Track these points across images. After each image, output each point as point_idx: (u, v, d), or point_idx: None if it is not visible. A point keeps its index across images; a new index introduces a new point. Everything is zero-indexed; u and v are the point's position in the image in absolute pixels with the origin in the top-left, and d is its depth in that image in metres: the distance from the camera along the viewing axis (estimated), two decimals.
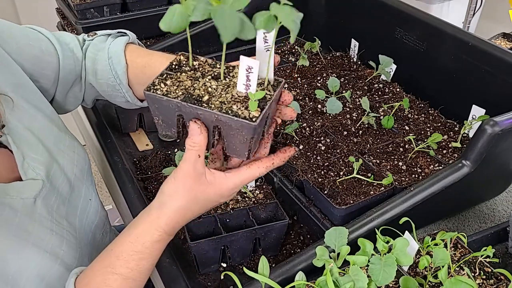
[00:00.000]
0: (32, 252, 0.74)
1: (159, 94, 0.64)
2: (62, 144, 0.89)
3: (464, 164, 0.87)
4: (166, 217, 0.70)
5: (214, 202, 0.73)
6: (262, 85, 0.67)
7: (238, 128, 0.62)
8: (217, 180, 0.70)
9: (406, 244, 0.70)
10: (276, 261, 0.91)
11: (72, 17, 1.42)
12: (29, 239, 0.74)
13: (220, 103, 0.63)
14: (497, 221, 1.01)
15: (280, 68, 1.32)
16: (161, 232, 0.70)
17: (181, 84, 0.66)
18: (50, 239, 0.77)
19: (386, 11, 1.27)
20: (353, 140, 1.04)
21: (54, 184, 0.83)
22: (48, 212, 0.79)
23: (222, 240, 0.85)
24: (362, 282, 0.63)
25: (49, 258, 0.76)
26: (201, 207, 0.72)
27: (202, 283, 0.87)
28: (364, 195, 0.88)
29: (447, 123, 1.12)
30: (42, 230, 0.77)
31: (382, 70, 1.22)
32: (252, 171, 0.71)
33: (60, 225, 0.81)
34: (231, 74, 0.68)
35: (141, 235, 0.71)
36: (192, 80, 0.66)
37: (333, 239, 0.71)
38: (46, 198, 0.80)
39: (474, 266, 0.78)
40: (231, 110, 0.62)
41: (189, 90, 0.65)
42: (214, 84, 0.66)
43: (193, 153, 0.67)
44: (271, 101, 0.65)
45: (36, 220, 0.76)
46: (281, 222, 0.87)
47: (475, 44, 1.06)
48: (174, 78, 0.67)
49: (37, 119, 0.86)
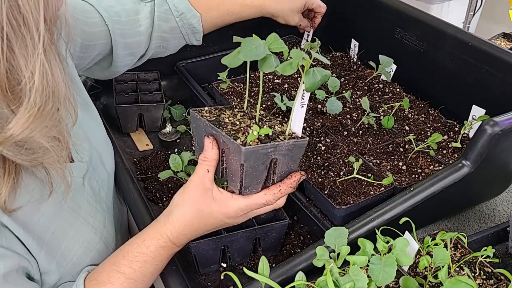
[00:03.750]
0: (83, 225, 0.78)
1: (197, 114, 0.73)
2: (98, 136, 0.94)
3: (464, 164, 0.87)
4: (172, 225, 0.74)
5: (219, 221, 0.74)
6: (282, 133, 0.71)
7: (233, 151, 0.68)
8: (223, 198, 0.72)
9: (406, 244, 0.70)
10: (276, 261, 0.91)
11: None
12: (80, 213, 0.79)
13: (233, 130, 0.69)
14: (497, 221, 1.01)
15: None
16: (166, 239, 0.74)
17: (221, 115, 0.73)
18: (96, 216, 0.82)
19: (386, 11, 1.27)
20: (353, 140, 1.04)
21: (95, 170, 0.87)
22: (93, 193, 0.84)
23: (222, 240, 0.85)
24: (362, 282, 0.63)
25: (95, 233, 0.80)
26: (206, 222, 0.74)
27: (202, 283, 0.87)
28: (364, 195, 0.88)
29: (447, 123, 1.12)
30: (90, 207, 0.81)
31: (382, 70, 1.22)
32: (258, 197, 0.72)
33: (102, 207, 0.86)
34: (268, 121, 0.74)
35: (147, 239, 0.74)
36: (232, 116, 0.74)
37: (333, 239, 0.71)
38: (90, 181, 0.84)
39: (474, 266, 0.78)
40: (235, 136, 0.67)
41: (220, 119, 0.72)
42: (244, 121, 0.72)
43: (203, 167, 0.71)
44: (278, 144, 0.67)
45: (85, 197, 0.81)
46: (281, 222, 0.87)
47: (475, 44, 1.06)
48: (221, 111, 0.75)
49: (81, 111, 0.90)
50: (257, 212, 0.76)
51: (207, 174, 0.72)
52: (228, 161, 0.70)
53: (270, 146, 0.67)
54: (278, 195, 0.73)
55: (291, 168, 0.73)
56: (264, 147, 0.67)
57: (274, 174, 0.72)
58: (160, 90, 1.26)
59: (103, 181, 0.90)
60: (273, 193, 0.72)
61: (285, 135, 0.71)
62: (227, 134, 0.68)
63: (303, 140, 0.71)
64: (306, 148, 1.01)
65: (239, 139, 0.67)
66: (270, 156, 0.69)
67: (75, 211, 0.78)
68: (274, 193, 0.72)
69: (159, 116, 1.23)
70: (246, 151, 0.65)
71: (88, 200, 0.81)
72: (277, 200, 0.74)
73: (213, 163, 0.71)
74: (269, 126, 0.72)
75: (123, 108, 1.19)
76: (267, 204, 0.73)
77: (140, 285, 0.75)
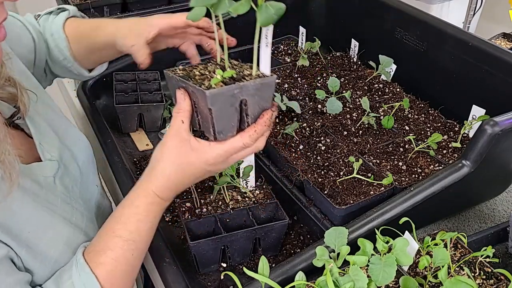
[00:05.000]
0: (61, 222, 0.78)
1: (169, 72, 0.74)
2: (68, 133, 0.93)
3: (464, 164, 0.87)
4: (156, 181, 0.75)
5: (200, 169, 0.74)
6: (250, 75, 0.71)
7: (201, 98, 0.68)
8: (201, 146, 0.72)
9: (406, 244, 0.70)
10: (276, 261, 0.91)
11: None
12: (56, 211, 0.78)
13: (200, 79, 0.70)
14: (497, 221, 1.01)
15: (280, 68, 1.32)
16: (153, 195, 0.75)
17: (193, 70, 0.73)
18: (73, 213, 0.81)
19: (386, 11, 1.27)
20: (353, 140, 1.04)
21: (67, 167, 0.87)
22: (67, 190, 0.83)
23: (222, 240, 0.85)
24: (362, 282, 0.63)
25: (75, 228, 0.80)
26: (188, 173, 0.74)
27: (202, 283, 0.87)
28: (364, 195, 0.88)
29: (447, 123, 1.12)
30: (65, 205, 0.81)
31: (382, 70, 1.22)
32: (235, 141, 0.72)
33: (78, 202, 0.85)
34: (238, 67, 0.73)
35: (135, 199, 0.75)
36: (203, 69, 0.73)
37: (333, 239, 0.71)
38: (62, 179, 0.84)
39: (474, 266, 0.78)
40: (200, 83, 0.68)
41: (191, 73, 0.72)
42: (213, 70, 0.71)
43: (178, 119, 0.72)
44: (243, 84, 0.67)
45: (58, 196, 0.80)
46: (281, 222, 0.87)
47: (475, 44, 1.06)
48: (193, 67, 0.75)
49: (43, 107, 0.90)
50: (238, 157, 0.74)
51: (182, 125, 0.72)
52: (200, 110, 0.71)
53: (236, 87, 0.67)
54: (254, 136, 0.72)
55: (264, 108, 0.72)
56: (229, 88, 0.67)
57: (247, 116, 0.71)
58: (160, 90, 1.26)
59: (75, 177, 0.89)
60: (248, 135, 0.71)
61: (252, 76, 0.70)
62: (194, 84, 0.68)
63: (271, 77, 0.70)
64: (306, 148, 1.01)
65: (204, 85, 0.68)
66: (238, 98, 0.68)
67: (50, 210, 0.77)
68: (250, 135, 0.71)
69: (159, 116, 1.23)
70: (210, 94, 0.65)
71: (62, 198, 0.81)
72: (254, 141, 0.72)
73: (186, 113, 0.72)
74: (237, 71, 0.71)
75: (123, 108, 1.19)
76: (246, 147, 0.72)
77: (140, 244, 0.76)
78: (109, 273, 0.73)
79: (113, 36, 0.95)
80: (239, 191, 0.93)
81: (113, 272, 0.73)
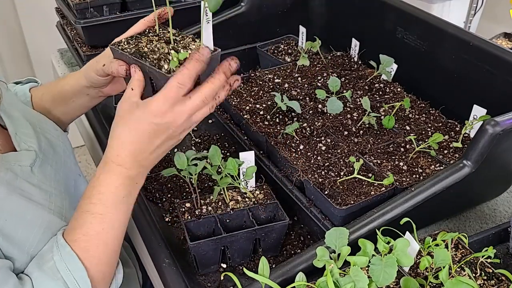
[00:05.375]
0: (38, 208, 0.78)
1: (118, 49, 0.78)
2: (43, 123, 0.95)
3: (465, 164, 0.87)
4: (110, 147, 0.76)
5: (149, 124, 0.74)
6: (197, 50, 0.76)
7: (161, 79, 0.74)
8: (145, 101, 0.75)
9: (407, 244, 0.69)
10: (276, 261, 0.91)
11: (71, 16, 1.41)
12: (32, 198, 0.78)
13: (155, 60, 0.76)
14: (498, 221, 1.01)
15: (280, 68, 1.31)
16: (109, 162, 0.76)
17: (139, 44, 0.80)
18: (52, 200, 0.82)
19: (387, 10, 1.27)
20: (353, 140, 1.04)
21: (47, 156, 0.87)
22: (46, 179, 0.84)
23: (222, 240, 0.84)
24: (363, 283, 0.63)
25: (55, 214, 0.80)
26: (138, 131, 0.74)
27: (202, 284, 0.87)
28: (364, 196, 0.87)
29: (448, 123, 1.11)
30: (43, 193, 0.81)
31: (383, 69, 1.22)
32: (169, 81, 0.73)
33: (59, 189, 0.85)
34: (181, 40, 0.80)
35: (97, 171, 0.77)
36: (148, 42, 0.80)
37: (334, 240, 0.71)
38: (42, 167, 0.84)
39: (475, 266, 0.78)
40: (158, 65, 0.75)
41: (140, 49, 0.78)
42: (161, 46, 0.78)
43: (128, 88, 0.76)
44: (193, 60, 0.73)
45: (35, 184, 0.81)
46: (281, 222, 0.87)
47: (476, 44, 1.06)
48: (137, 39, 0.81)
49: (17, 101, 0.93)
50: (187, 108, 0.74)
51: (132, 91, 0.76)
52: (159, 86, 0.76)
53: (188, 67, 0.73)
54: (186, 73, 0.73)
55: None
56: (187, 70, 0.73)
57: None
58: None
59: (58, 164, 0.90)
60: (181, 73, 0.73)
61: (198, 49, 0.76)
62: (151, 65, 0.74)
63: (217, 52, 0.78)
64: (307, 148, 1.01)
65: (163, 68, 0.74)
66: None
67: (26, 197, 0.77)
68: (182, 73, 0.73)
69: None
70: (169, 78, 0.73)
71: (39, 186, 0.81)
72: (190, 80, 0.73)
73: (137, 83, 0.76)
74: (183, 47, 0.78)
75: None
76: (182, 86, 0.73)
77: (108, 218, 0.75)
78: (82, 250, 0.73)
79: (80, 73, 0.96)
80: (239, 191, 0.93)
81: (86, 248, 0.74)
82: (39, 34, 2.41)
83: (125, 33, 0.86)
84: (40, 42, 2.43)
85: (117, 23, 1.41)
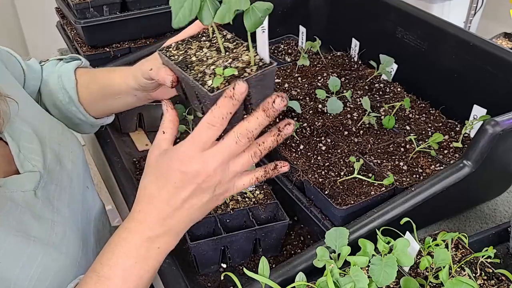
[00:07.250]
0: (37, 245, 0.71)
1: (166, 55, 0.71)
2: (56, 132, 0.88)
3: (465, 164, 0.87)
4: (136, 199, 0.68)
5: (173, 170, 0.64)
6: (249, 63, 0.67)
7: (204, 96, 0.64)
8: (174, 146, 0.66)
9: (407, 244, 0.69)
10: (277, 261, 0.91)
11: (71, 16, 1.41)
12: (31, 233, 0.71)
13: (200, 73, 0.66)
14: (498, 221, 1.01)
15: (281, 68, 1.31)
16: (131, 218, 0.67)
17: (188, 51, 0.71)
18: (52, 231, 0.74)
19: (387, 10, 1.27)
20: (353, 140, 1.04)
21: (52, 173, 0.81)
22: (49, 202, 0.77)
23: (222, 240, 0.84)
24: (363, 283, 0.63)
25: (53, 251, 0.72)
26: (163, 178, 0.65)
27: (202, 284, 0.87)
28: (364, 196, 0.87)
29: (448, 123, 1.11)
30: (44, 222, 0.74)
31: (383, 69, 1.22)
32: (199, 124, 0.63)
33: (62, 214, 0.78)
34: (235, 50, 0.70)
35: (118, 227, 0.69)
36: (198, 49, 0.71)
37: (334, 240, 0.71)
38: (46, 188, 0.78)
39: (475, 266, 0.78)
40: (202, 81, 0.65)
41: (187, 56, 0.70)
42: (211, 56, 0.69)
43: (160, 131, 0.69)
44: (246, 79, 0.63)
45: (37, 212, 0.74)
46: (282, 222, 0.87)
47: (476, 44, 1.06)
48: (187, 44, 0.73)
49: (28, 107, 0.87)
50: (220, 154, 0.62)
51: (163, 135, 0.67)
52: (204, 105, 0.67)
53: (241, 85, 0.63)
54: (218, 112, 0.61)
55: (267, 95, 0.66)
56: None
57: (251, 105, 0.66)
58: None
59: (63, 181, 0.82)
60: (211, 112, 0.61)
61: (252, 66, 0.66)
62: (195, 79, 0.65)
63: (271, 67, 0.65)
64: (307, 148, 1.00)
65: (207, 85, 0.64)
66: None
67: (24, 234, 0.70)
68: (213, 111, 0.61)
69: (159, 116, 1.23)
70: (214, 96, 0.62)
71: (40, 215, 0.73)
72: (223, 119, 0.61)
73: (169, 124, 0.67)
74: (234, 58, 0.67)
75: None
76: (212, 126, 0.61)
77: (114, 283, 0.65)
78: None
79: (128, 72, 0.89)
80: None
81: None
82: (39, 34, 2.41)
83: (177, 35, 0.76)
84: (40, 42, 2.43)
85: (117, 23, 1.41)
